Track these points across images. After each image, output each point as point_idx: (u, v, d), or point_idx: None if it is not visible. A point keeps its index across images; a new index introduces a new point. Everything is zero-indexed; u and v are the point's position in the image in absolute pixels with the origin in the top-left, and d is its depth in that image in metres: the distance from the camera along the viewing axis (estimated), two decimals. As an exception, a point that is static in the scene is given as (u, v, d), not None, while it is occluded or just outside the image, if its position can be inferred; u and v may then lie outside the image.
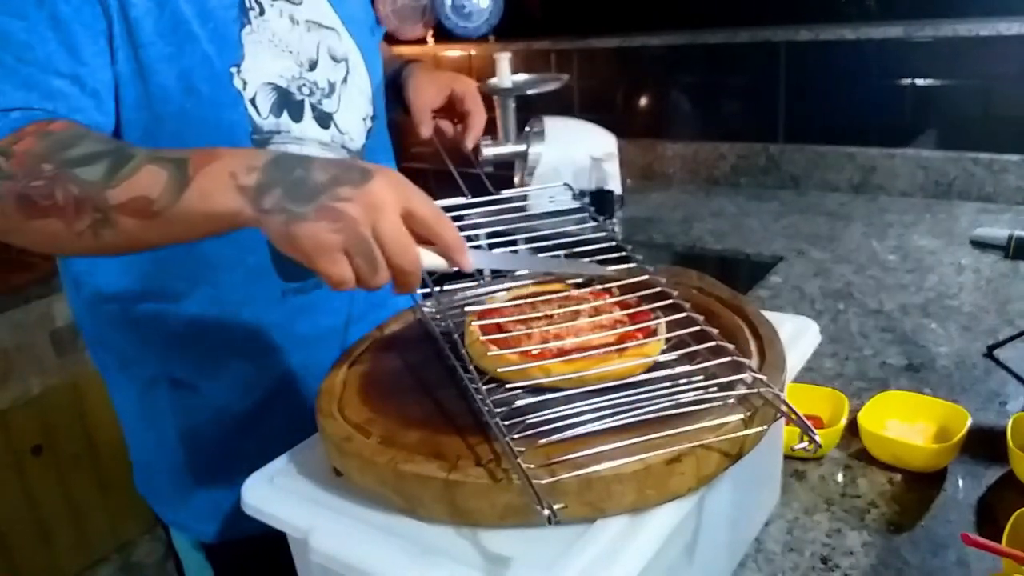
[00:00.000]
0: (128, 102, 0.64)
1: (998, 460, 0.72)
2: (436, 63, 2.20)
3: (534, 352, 0.55)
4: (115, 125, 0.64)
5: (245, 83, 0.68)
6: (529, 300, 0.65)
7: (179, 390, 0.76)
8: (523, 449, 0.46)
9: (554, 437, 0.48)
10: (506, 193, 0.74)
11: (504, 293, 0.68)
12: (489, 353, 0.55)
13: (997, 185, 1.47)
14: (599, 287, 0.68)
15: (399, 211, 0.49)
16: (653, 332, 0.58)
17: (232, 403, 0.77)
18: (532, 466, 0.45)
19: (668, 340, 0.58)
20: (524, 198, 0.76)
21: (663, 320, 0.59)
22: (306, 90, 0.73)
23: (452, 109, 0.89)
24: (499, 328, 0.59)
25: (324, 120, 0.75)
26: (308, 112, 0.73)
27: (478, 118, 0.88)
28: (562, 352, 0.55)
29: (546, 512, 0.41)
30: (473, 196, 0.73)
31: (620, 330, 0.58)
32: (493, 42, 2.06)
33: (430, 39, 2.21)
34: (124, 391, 0.80)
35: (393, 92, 0.90)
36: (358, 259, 0.48)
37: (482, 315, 0.61)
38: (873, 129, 1.59)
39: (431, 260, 0.52)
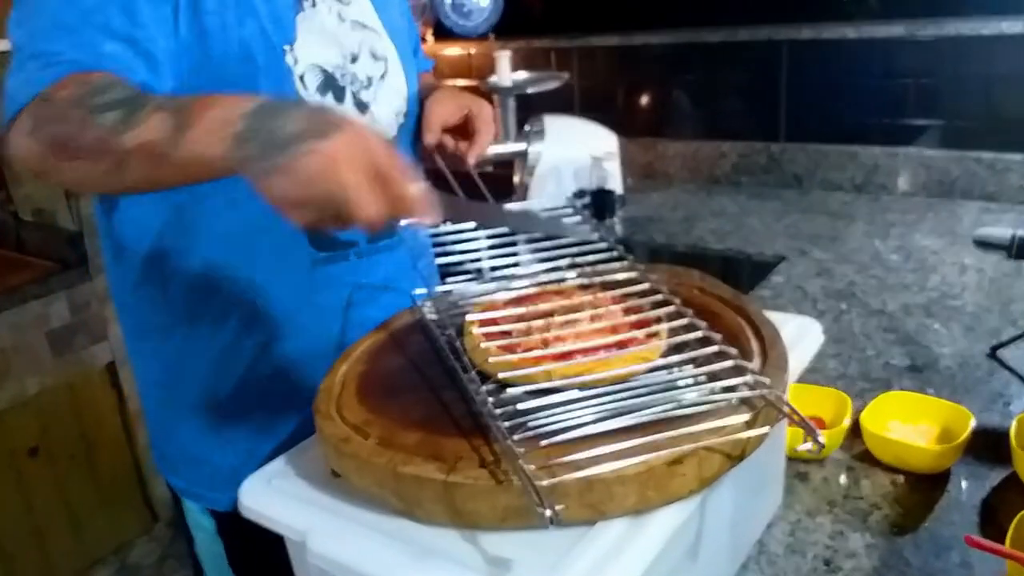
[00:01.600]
0: (188, 67, 0.67)
1: (1001, 461, 0.72)
2: (436, 62, 2.20)
3: (535, 354, 0.55)
4: (172, 88, 0.67)
5: (296, 60, 0.73)
6: (528, 302, 0.65)
7: (201, 355, 0.79)
8: (524, 450, 0.45)
9: (556, 439, 0.47)
10: (507, 207, 0.77)
11: (504, 294, 0.67)
12: (490, 355, 0.55)
13: (1000, 184, 1.47)
14: (600, 290, 0.68)
15: (362, 166, 0.50)
16: (654, 333, 0.58)
17: (251, 369, 0.79)
18: (533, 467, 0.44)
19: (670, 341, 0.57)
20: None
21: (664, 324, 0.58)
22: (348, 79, 0.78)
23: (464, 129, 0.90)
24: (499, 329, 0.58)
25: (362, 108, 0.80)
26: (349, 99, 0.78)
27: (484, 137, 0.89)
28: (563, 354, 0.55)
29: (547, 513, 0.40)
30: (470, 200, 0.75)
31: (622, 335, 0.58)
32: (493, 40, 2.06)
33: (430, 37, 2.20)
34: (147, 358, 0.83)
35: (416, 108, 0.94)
36: (322, 212, 0.50)
37: (482, 316, 0.61)
38: (875, 128, 1.58)
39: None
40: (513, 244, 0.73)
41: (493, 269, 0.72)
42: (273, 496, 0.53)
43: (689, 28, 1.78)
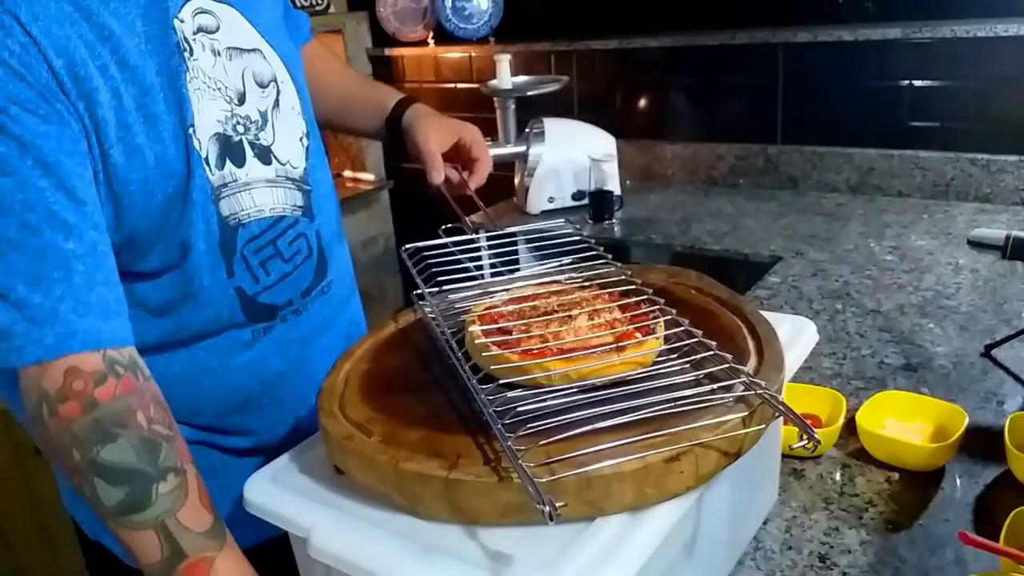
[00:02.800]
0: (108, 208, 0.60)
1: (995, 459, 0.73)
2: (436, 64, 2.21)
3: (534, 351, 0.55)
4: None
5: (199, 142, 0.65)
6: (528, 301, 0.65)
7: None
8: (524, 448, 0.46)
9: (555, 437, 0.48)
10: (512, 229, 0.78)
11: (503, 294, 0.68)
12: (489, 353, 0.56)
13: (995, 186, 1.48)
14: (598, 289, 0.68)
15: None
16: (651, 332, 0.58)
17: (230, 448, 0.77)
18: (532, 465, 0.45)
19: (668, 340, 0.58)
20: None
21: (661, 320, 0.59)
22: (240, 128, 0.69)
23: (457, 156, 0.90)
24: (499, 328, 0.59)
25: (265, 156, 0.72)
26: (249, 152, 0.70)
27: (484, 166, 0.89)
28: (561, 351, 0.56)
29: (546, 510, 0.41)
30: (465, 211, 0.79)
31: (619, 329, 0.59)
32: (493, 44, 2.07)
33: (430, 41, 2.21)
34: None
35: (391, 128, 0.91)
36: None
37: (482, 315, 0.62)
38: (871, 130, 1.59)
39: None
40: (513, 245, 0.74)
41: (493, 268, 0.73)
42: (277, 492, 0.54)
43: (687, 31, 1.79)
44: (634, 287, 0.65)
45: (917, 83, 1.52)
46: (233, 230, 0.69)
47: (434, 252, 0.72)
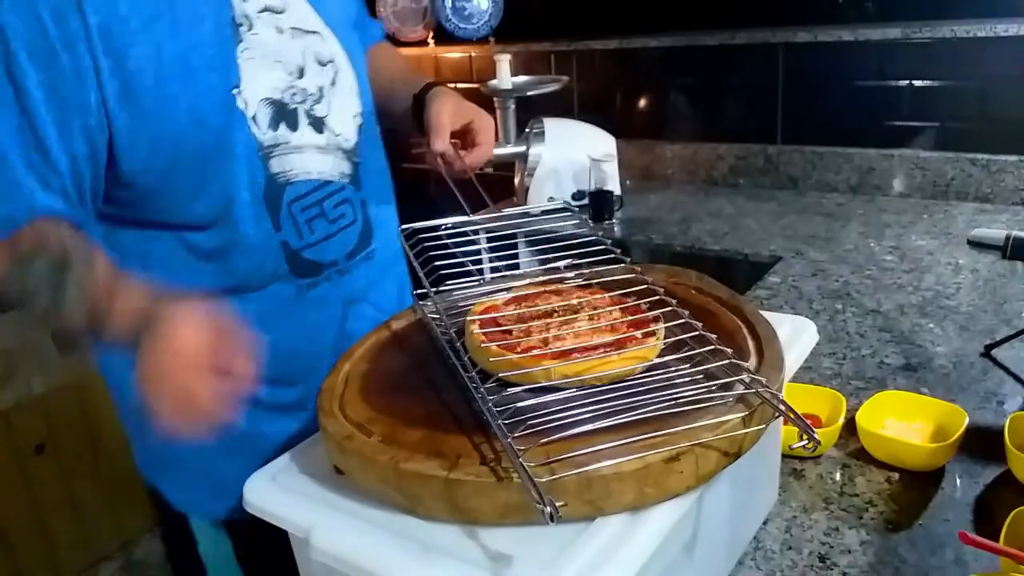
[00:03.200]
0: (144, 146, 0.65)
1: (995, 459, 0.73)
2: (436, 65, 2.21)
3: (534, 352, 0.55)
4: (134, 170, 0.67)
5: (246, 103, 0.71)
6: (528, 302, 0.65)
7: None
8: (524, 447, 0.46)
9: (555, 436, 0.48)
10: (507, 211, 0.79)
11: (503, 295, 0.68)
12: (490, 355, 0.56)
13: (994, 186, 1.48)
14: (598, 290, 0.68)
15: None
16: (651, 333, 0.59)
17: (259, 395, 0.78)
18: (532, 464, 0.45)
19: (667, 340, 0.58)
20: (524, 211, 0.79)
21: (662, 323, 0.59)
22: (298, 98, 0.76)
23: (464, 138, 0.91)
24: (500, 329, 0.59)
25: (318, 125, 0.78)
26: (303, 119, 0.76)
27: (484, 151, 0.90)
28: (563, 352, 0.56)
29: (547, 510, 0.41)
30: (471, 206, 0.78)
31: (620, 335, 0.59)
32: (493, 44, 2.07)
33: (430, 41, 2.21)
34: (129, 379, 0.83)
35: (415, 107, 0.92)
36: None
37: (482, 314, 0.62)
38: (871, 130, 1.59)
39: None
40: (514, 247, 0.74)
41: (494, 269, 0.73)
42: (277, 493, 0.54)
43: (687, 31, 1.79)
44: (644, 286, 0.65)
45: (917, 83, 1.52)
46: (281, 187, 0.75)
47: (431, 236, 0.74)
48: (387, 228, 0.89)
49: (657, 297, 0.62)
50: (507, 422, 0.49)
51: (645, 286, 0.65)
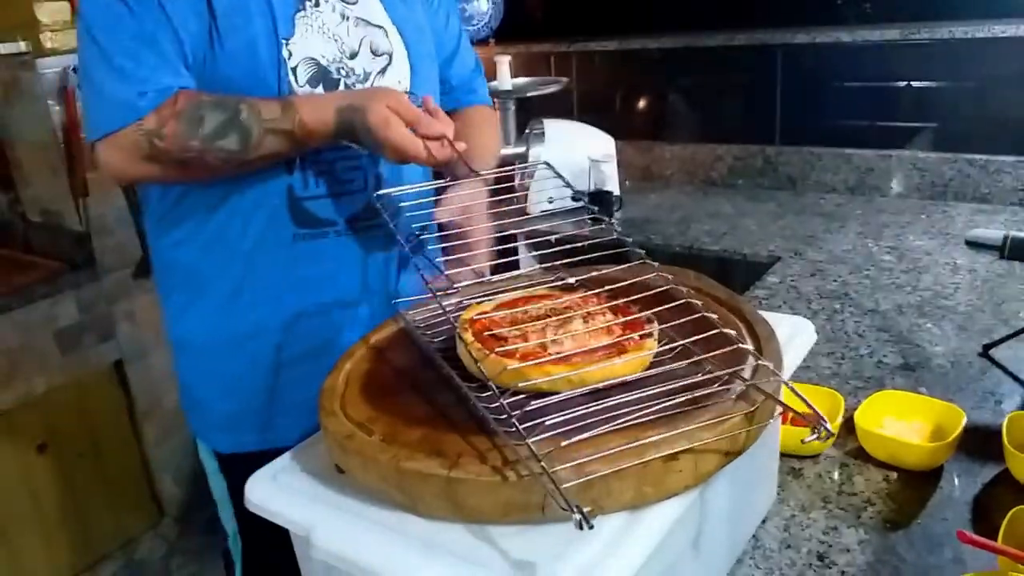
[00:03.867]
0: (204, 59, 0.78)
1: (993, 458, 0.73)
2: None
3: (540, 358, 0.55)
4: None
5: (291, 54, 0.81)
6: (518, 306, 0.65)
7: (200, 312, 0.90)
8: (548, 451, 0.46)
9: (575, 439, 0.47)
10: (485, 173, 0.84)
11: (489, 302, 0.67)
12: (491, 364, 0.55)
13: (992, 186, 1.48)
14: (588, 290, 0.68)
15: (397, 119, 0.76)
16: (648, 334, 0.59)
17: (240, 329, 0.88)
18: (555, 469, 0.44)
19: (663, 342, 0.58)
20: (510, 181, 0.82)
21: (655, 324, 0.59)
22: (344, 72, 0.85)
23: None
24: (494, 336, 0.59)
25: None
26: (342, 89, 0.84)
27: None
28: (564, 357, 0.55)
29: (577, 518, 0.41)
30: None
31: (619, 336, 0.59)
32: (493, 45, 2.07)
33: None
34: (171, 311, 0.94)
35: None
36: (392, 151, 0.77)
37: (474, 323, 0.61)
38: (869, 131, 1.60)
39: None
40: (514, 250, 0.74)
41: (493, 271, 0.73)
42: (279, 491, 0.54)
43: (686, 33, 1.79)
44: (668, 285, 0.64)
45: (915, 84, 1.53)
46: None
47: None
48: (403, 207, 0.92)
49: (665, 288, 0.62)
50: (524, 426, 0.48)
51: (652, 275, 0.65)
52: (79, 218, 1.79)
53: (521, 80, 1.73)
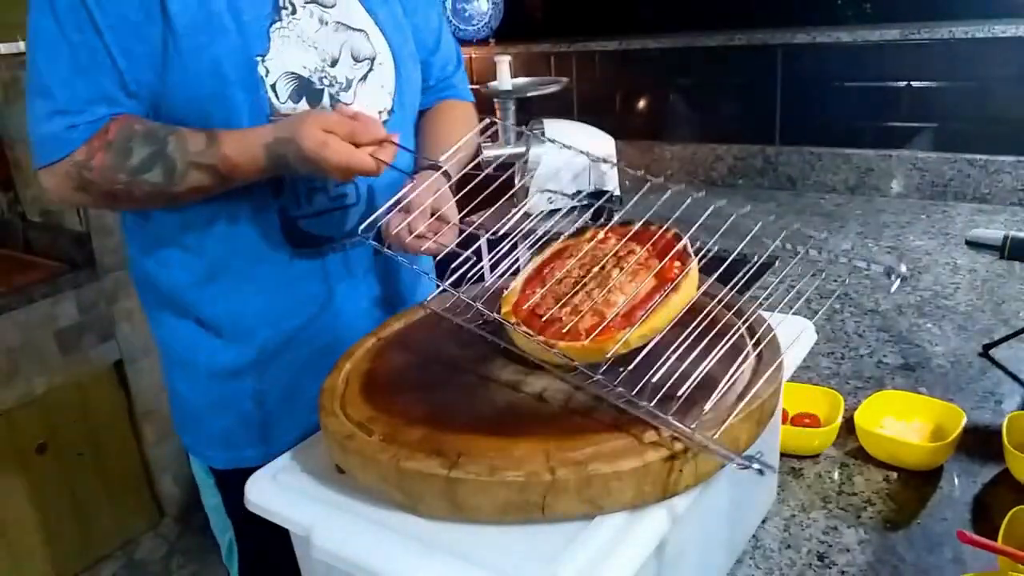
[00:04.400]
0: (169, 82, 0.75)
1: (993, 458, 0.73)
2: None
3: (597, 326, 0.54)
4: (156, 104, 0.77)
5: (268, 71, 0.77)
6: (548, 279, 0.63)
7: (197, 331, 0.87)
8: (694, 423, 0.47)
9: (708, 405, 0.48)
10: (445, 158, 0.81)
11: (514, 282, 0.66)
12: (564, 346, 0.55)
13: (992, 186, 1.48)
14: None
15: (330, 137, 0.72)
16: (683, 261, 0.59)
17: (241, 352, 0.86)
18: (711, 435, 0.45)
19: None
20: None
21: (685, 238, 0.59)
22: (327, 81, 0.82)
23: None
24: (544, 319, 0.58)
25: None
26: (327, 100, 0.82)
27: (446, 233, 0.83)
28: (627, 318, 0.55)
29: (755, 466, 0.42)
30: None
31: (662, 268, 0.58)
32: (493, 45, 2.07)
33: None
34: (161, 329, 0.91)
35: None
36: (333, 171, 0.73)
37: (516, 309, 0.60)
38: (869, 131, 1.60)
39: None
40: (514, 248, 0.74)
41: (493, 269, 0.73)
42: (279, 492, 0.54)
43: (686, 33, 1.79)
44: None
45: (915, 84, 1.53)
46: None
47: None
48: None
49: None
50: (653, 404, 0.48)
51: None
52: (79, 218, 1.79)
53: (521, 80, 1.73)
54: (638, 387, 0.50)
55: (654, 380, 0.49)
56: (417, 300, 0.98)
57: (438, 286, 0.67)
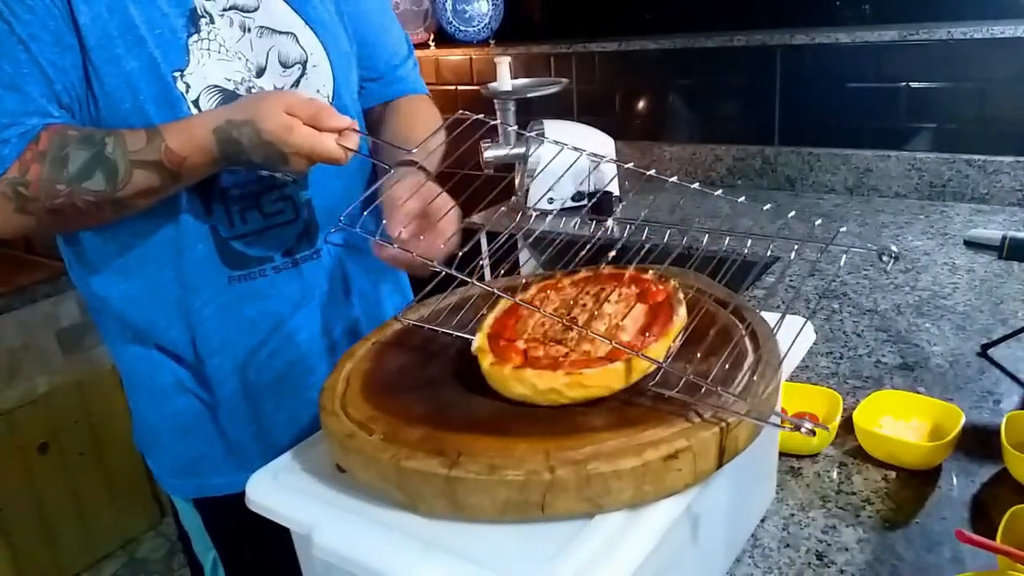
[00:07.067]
0: (89, 98, 0.71)
1: (992, 458, 0.73)
2: (437, 67, 2.21)
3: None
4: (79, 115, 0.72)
5: (188, 86, 0.73)
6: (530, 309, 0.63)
7: (156, 356, 0.84)
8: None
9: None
10: (415, 149, 0.76)
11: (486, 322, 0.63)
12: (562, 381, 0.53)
13: (991, 186, 1.48)
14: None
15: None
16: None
17: (195, 377, 0.84)
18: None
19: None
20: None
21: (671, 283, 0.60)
22: (254, 91, 0.76)
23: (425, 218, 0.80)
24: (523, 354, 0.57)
25: None
26: (212, 108, 0.75)
27: (447, 235, 0.77)
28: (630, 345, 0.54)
29: (808, 427, 0.46)
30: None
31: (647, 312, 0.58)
32: (493, 46, 2.08)
33: (431, 43, 2.22)
34: (119, 353, 0.87)
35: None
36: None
37: (499, 350, 0.57)
38: (868, 131, 1.60)
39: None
40: (514, 248, 0.74)
41: (493, 269, 0.73)
42: (279, 490, 0.54)
43: (685, 34, 1.79)
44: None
45: (914, 84, 1.53)
46: (216, 173, 0.75)
47: None
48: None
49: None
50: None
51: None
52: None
53: (521, 81, 1.74)
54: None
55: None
56: (384, 317, 0.92)
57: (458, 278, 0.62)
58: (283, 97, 0.67)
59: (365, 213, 0.69)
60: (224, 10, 0.75)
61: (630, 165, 0.74)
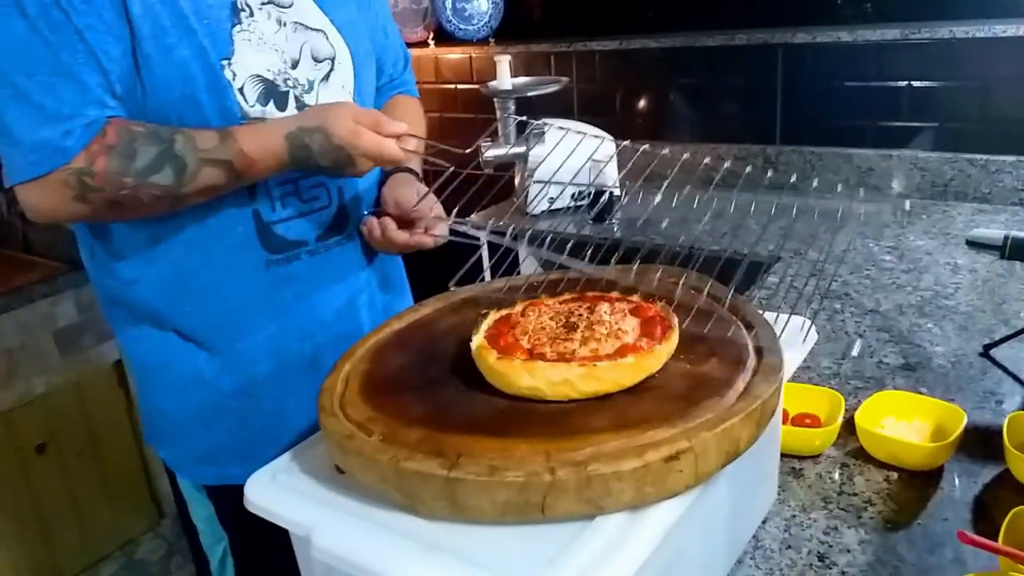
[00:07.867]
0: (138, 88, 0.73)
1: (994, 459, 0.73)
2: (436, 65, 2.21)
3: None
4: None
5: (235, 74, 0.76)
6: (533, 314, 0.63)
7: (178, 343, 0.84)
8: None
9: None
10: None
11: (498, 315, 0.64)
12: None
13: (993, 186, 1.48)
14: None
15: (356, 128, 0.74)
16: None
17: (219, 363, 0.85)
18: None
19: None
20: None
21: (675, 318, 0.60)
22: (290, 83, 0.81)
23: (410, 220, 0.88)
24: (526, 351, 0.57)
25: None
26: (292, 103, 0.81)
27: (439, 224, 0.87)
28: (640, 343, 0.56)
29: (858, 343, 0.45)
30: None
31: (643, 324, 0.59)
32: (493, 45, 2.07)
33: (431, 42, 2.22)
34: (135, 343, 0.88)
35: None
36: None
37: (502, 348, 0.57)
38: (870, 131, 1.60)
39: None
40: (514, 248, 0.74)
41: (493, 271, 0.73)
42: (278, 492, 0.54)
43: (686, 32, 1.79)
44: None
45: (916, 84, 1.52)
46: None
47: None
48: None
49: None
50: None
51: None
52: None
53: (521, 80, 1.73)
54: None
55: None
56: (404, 300, 1.01)
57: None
58: (349, 107, 0.75)
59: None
60: (262, 4, 0.79)
61: (627, 143, 0.76)
